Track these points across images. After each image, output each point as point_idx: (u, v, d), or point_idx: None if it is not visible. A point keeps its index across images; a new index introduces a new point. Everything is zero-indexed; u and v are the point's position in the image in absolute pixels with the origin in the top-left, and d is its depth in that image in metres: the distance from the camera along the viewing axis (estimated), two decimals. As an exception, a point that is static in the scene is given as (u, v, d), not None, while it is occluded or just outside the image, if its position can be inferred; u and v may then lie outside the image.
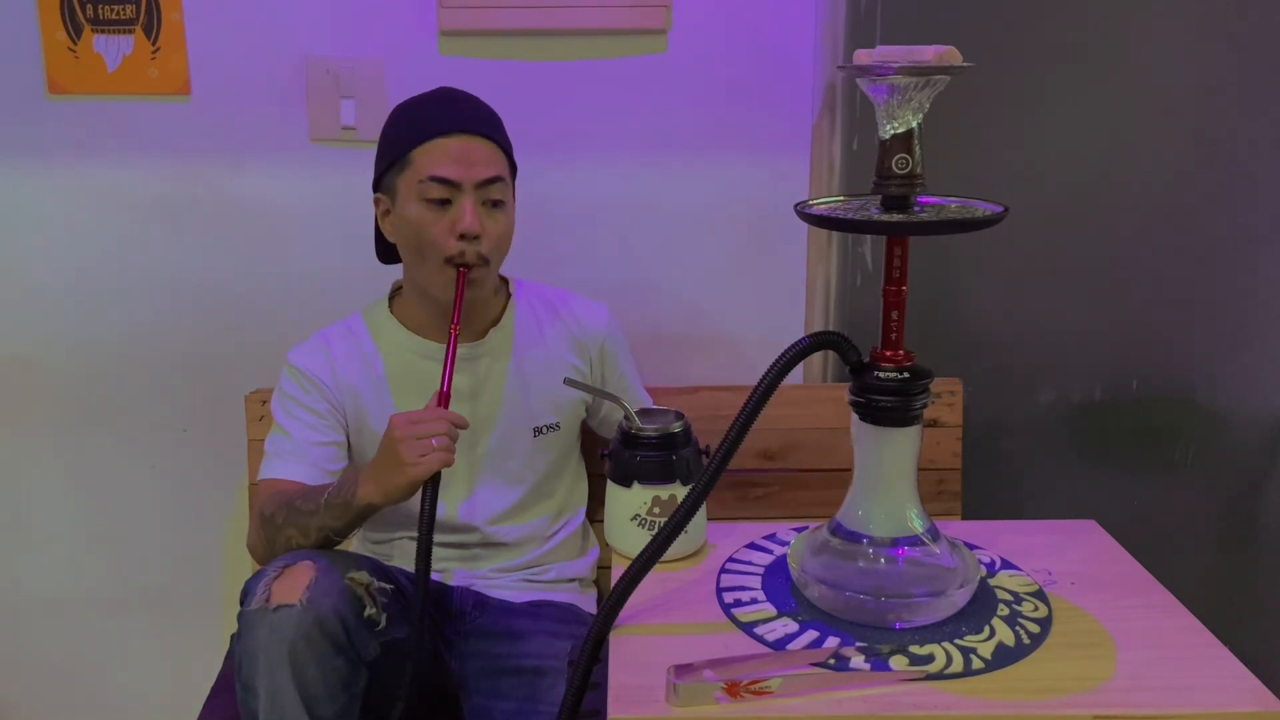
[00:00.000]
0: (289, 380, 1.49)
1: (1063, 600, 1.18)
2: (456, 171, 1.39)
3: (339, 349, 1.51)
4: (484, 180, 1.40)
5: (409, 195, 1.41)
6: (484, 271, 1.43)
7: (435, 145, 1.40)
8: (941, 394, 1.74)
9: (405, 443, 1.26)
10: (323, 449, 1.46)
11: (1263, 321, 1.81)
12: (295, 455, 1.45)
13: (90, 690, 1.96)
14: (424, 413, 1.29)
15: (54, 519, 1.88)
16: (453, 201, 1.40)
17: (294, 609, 1.21)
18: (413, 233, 1.41)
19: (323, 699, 1.22)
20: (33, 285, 1.78)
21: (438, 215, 1.40)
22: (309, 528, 1.35)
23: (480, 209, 1.40)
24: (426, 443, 1.26)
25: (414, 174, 1.40)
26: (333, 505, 1.33)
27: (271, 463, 1.47)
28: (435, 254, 1.40)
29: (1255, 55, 1.72)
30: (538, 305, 1.57)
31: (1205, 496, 1.87)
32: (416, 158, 1.40)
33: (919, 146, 1.07)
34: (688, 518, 1.10)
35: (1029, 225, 1.73)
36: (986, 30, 1.70)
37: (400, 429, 1.27)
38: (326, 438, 1.47)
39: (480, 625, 1.50)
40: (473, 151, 1.40)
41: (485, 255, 1.41)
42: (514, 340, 1.53)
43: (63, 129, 1.72)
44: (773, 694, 1.01)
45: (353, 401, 1.49)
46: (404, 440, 1.26)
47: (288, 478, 1.44)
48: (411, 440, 1.26)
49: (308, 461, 1.45)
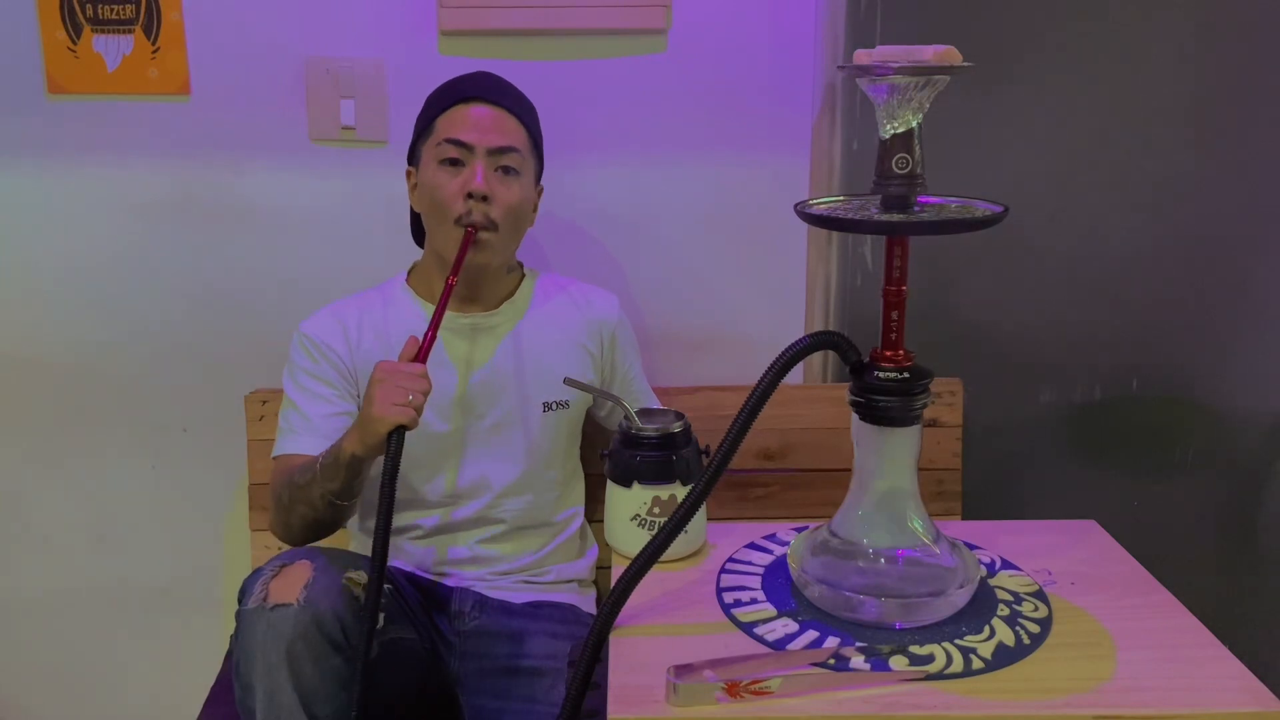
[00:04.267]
0: (299, 350, 1.50)
1: (1063, 600, 1.18)
2: (471, 135, 1.43)
3: (352, 317, 1.52)
4: (498, 147, 1.44)
5: (429, 160, 1.46)
6: (493, 236, 1.44)
7: (456, 111, 1.46)
8: (941, 394, 1.74)
9: (383, 384, 1.27)
10: (334, 420, 1.47)
11: (1263, 321, 1.81)
12: (307, 430, 1.46)
13: (90, 690, 1.96)
14: (410, 365, 1.30)
15: (54, 519, 1.88)
16: (465, 164, 1.43)
17: (291, 608, 1.21)
18: (428, 195, 1.46)
19: (320, 698, 1.22)
20: (33, 285, 1.78)
21: (450, 176, 1.44)
22: (312, 498, 1.36)
23: (492, 175, 1.43)
24: (403, 393, 1.27)
25: (434, 139, 1.46)
26: (326, 466, 1.34)
27: (284, 439, 1.48)
28: (446, 215, 1.43)
29: (1255, 55, 1.72)
30: (552, 288, 1.60)
31: (1205, 496, 1.87)
32: (439, 124, 1.46)
33: (919, 146, 1.07)
34: (688, 518, 1.10)
35: (1029, 225, 1.73)
36: (986, 30, 1.70)
37: (381, 371, 1.29)
38: (338, 408, 1.48)
39: (480, 625, 1.50)
40: (490, 118, 1.45)
41: (495, 219, 1.43)
42: (526, 315, 1.54)
43: (62, 129, 1.72)
44: (773, 694, 1.01)
45: (365, 366, 1.48)
46: (382, 382, 1.28)
47: (300, 452, 1.45)
48: (390, 385, 1.27)
49: (320, 435, 1.45)
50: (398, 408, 1.26)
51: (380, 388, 1.27)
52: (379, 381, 1.28)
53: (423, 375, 1.29)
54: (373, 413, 1.26)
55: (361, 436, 1.29)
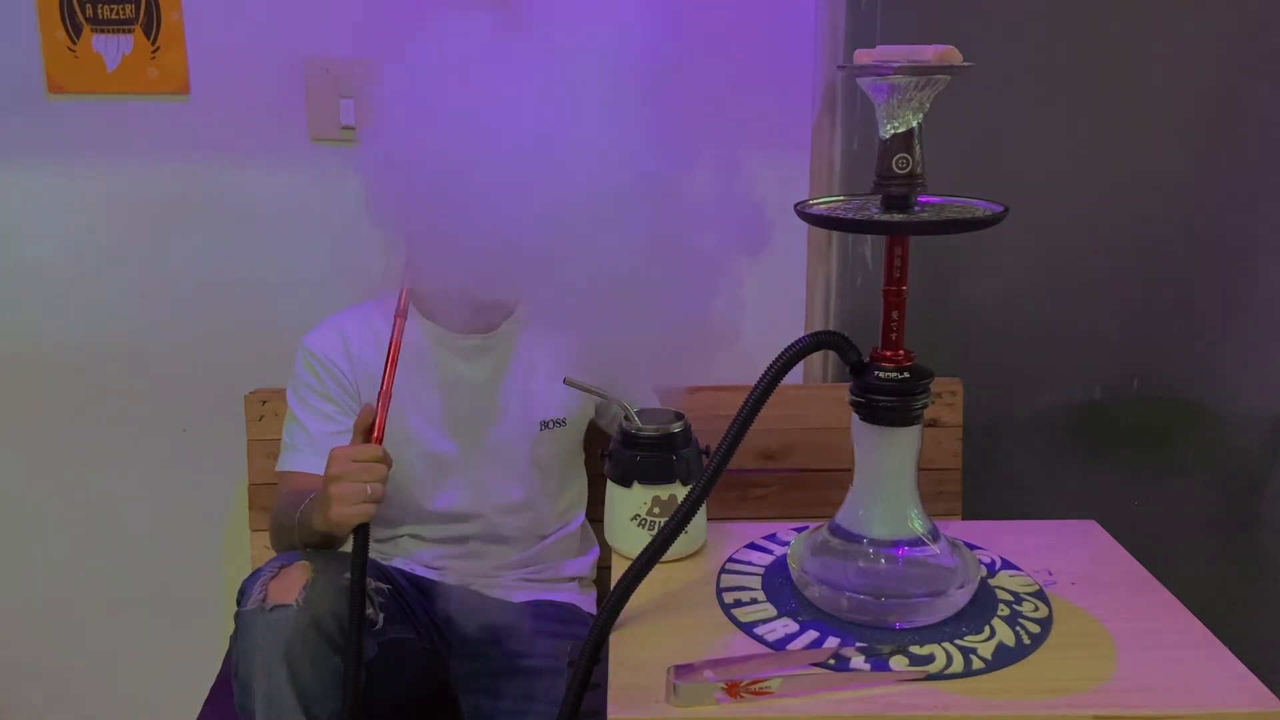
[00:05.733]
0: (302, 365, 1.50)
1: (1063, 600, 1.18)
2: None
3: (353, 329, 1.51)
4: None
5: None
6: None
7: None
8: (941, 394, 1.74)
9: (339, 483, 1.25)
10: (337, 438, 1.46)
11: (1263, 321, 1.81)
12: (309, 448, 1.47)
13: (90, 690, 1.96)
14: (364, 450, 1.27)
15: (54, 519, 1.88)
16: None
17: (290, 609, 1.21)
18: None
19: (319, 699, 1.22)
20: (33, 285, 1.78)
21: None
22: (296, 543, 1.38)
23: None
24: (359, 488, 1.25)
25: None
26: (303, 525, 1.34)
27: (288, 455, 1.49)
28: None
29: (1255, 56, 1.72)
30: None
31: (1205, 496, 1.87)
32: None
33: (919, 146, 1.07)
34: (688, 518, 1.10)
35: (1029, 225, 1.72)
36: (987, 30, 1.70)
37: (337, 466, 1.26)
38: (342, 425, 1.48)
39: (480, 625, 1.50)
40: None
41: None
42: (525, 334, 1.54)
43: (62, 129, 1.72)
44: (773, 694, 1.01)
45: (367, 382, 1.48)
46: (339, 480, 1.25)
47: (302, 470, 1.45)
48: (346, 483, 1.25)
49: (322, 453, 1.44)
50: (356, 507, 1.24)
51: (336, 486, 1.25)
52: (335, 479, 1.25)
53: (379, 459, 1.27)
54: (331, 515, 1.25)
55: (327, 521, 1.27)
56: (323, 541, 1.35)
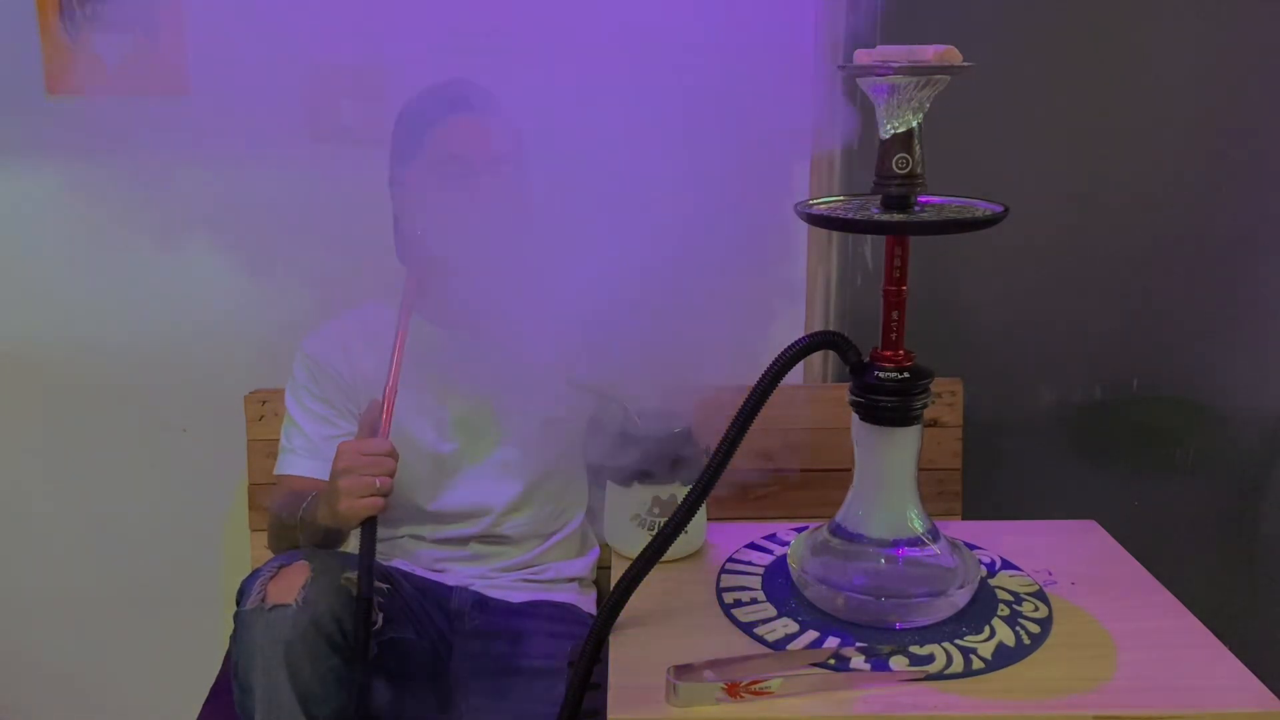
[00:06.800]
0: (301, 368, 1.50)
1: (1063, 600, 1.18)
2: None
3: (353, 332, 1.51)
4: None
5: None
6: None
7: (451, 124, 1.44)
8: (941, 394, 1.74)
9: (347, 476, 1.26)
10: (335, 442, 1.46)
11: (1263, 321, 1.81)
12: (308, 451, 1.47)
13: (90, 690, 1.96)
14: (372, 445, 1.27)
15: (54, 519, 1.88)
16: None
17: (290, 609, 1.21)
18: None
19: (319, 699, 1.22)
20: (33, 285, 1.78)
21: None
22: (297, 541, 1.38)
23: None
24: (368, 481, 1.25)
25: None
26: (305, 522, 1.34)
27: (285, 458, 1.49)
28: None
29: (1255, 55, 1.72)
30: None
31: (1205, 496, 1.87)
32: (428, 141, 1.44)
33: (919, 146, 1.07)
34: (688, 518, 1.10)
35: (1029, 225, 1.72)
36: (987, 30, 1.70)
37: (346, 459, 1.27)
38: (340, 430, 1.48)
39: (480, 625, 1.50)
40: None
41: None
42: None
43: (62, 128, 1.72)
44: (773, 694, 1.01)
45: (365, 386, 1.48)
46: (347, 474, 1.26)
47: (299, 474, 1.46)
48: (354, 477, 1.25)
49: (320, 457, 1.45)
50: (365, 500, 1.25)
51: (345, 480, 1.25)
52: (342, 472, 1.26)
53: (386, 453, 1.27)
54: (340, 509, 1.25)
55: (334, 515, 1.28)
56: (326, 538, 1.35)
